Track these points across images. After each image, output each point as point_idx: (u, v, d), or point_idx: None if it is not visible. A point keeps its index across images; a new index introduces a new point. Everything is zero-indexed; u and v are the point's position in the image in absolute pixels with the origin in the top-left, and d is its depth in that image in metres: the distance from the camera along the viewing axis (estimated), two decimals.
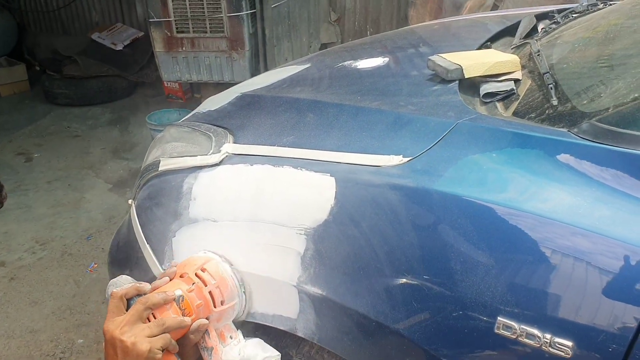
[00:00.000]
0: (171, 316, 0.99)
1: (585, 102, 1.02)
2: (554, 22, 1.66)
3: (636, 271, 0.81)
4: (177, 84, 4.78)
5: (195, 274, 1.08)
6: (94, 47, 5.34)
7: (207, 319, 1.06)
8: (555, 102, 1.06)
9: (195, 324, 1.03)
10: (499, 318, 0.90)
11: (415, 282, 0.97)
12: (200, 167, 1.30)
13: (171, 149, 1.43)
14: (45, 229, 3.18)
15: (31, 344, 2.35)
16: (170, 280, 1.08)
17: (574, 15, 1.71)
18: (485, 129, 1.04)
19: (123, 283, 1.07)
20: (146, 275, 1.32)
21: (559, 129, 0.97)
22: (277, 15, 4.14)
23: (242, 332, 1.14)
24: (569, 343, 0.84)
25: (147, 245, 1.37)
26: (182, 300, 1.03)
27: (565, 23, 1.64)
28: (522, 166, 0.95)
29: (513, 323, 0.89)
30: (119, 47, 5.35)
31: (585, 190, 0.88)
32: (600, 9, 1.71)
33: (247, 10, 4.05)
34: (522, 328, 0.88)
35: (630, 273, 0.81)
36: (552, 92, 1.09)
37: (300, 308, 1.11)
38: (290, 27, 4.32)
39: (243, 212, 1.19)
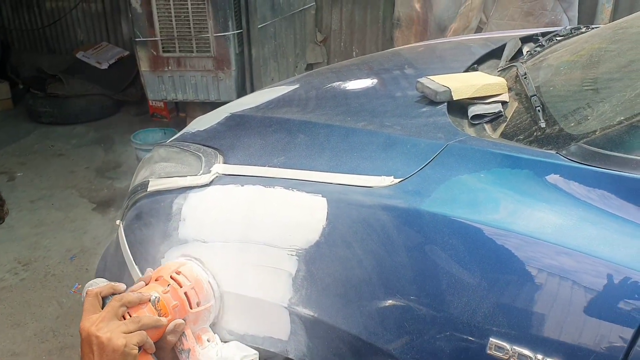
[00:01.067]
0: (146, 314, 0.99)
1: (572, 124, 1.04)
2: (539, 45, 1.69)
3: (624, 291, 0.82)
4: (162, 102, 4.77)
5: (171, 276, 1.09)
6: (78, 65, 5.32)
7: (183, 320, 1.06)
8: (543, 125, 1.08)
9: (171, 324, 1.03)
10: (491, 339, 0.90)
11: (407, 303, 0.97)
12: (190, 188, 1.30)
13: (160, 170, 1.42)
14: (28, 249, 3.14)
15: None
16: (147, 284, 1.08)
17: (558, 38, 1.75)
18: (474, 150, 1.06)
19: (97, 284, 1.07)
20: None
21: (548, 151, 0.99)
22: (263, 36, 4.17)
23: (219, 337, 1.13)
24: None
25: (136, 266, 1.36)
26: (158, 302, 1.03)
27: (549, 46, 1.68)
28: (512, 187, 0.97)
29: (505, 344, 0.89)
30: (104, 66, 5.34)
31: (574, 211, 0.89)
32: (583, 33, 1.75)
33: (233, 31, 4.07)
34: (514, 349, 0.88)
35: (618, 293, 0.82)
36: (540, 114, 1.11)
37: (292, 330, 1.10)
38: (276, 47, 4.35)
39: (233, 232, 1.19)
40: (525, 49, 1.76)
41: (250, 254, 1.15)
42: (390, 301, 0.99)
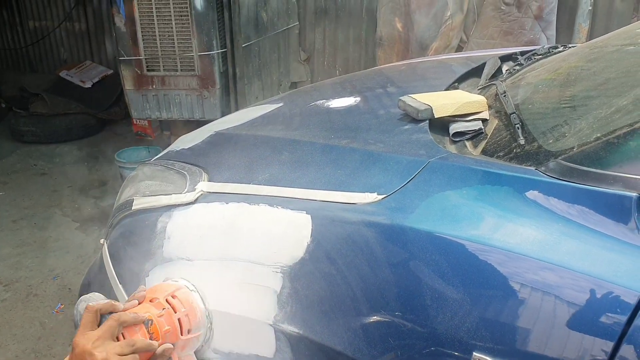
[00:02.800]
0: (140, 338, 0.99)
1: (550, 141, 1.06)
2: (518, 64, 1.73)
3: (602, 304, 0.83)
4: (146, 121, 4.76)
5: (166, 300, 1.08)
6: (62, 84, 5.30)
7: (172, 345, 1.05)
8: (522, 142, 1.11)
9: (161, 348, 1.02)
10: (474, 353, 0.91)
11: (391, 319, 0.98)
12: (175, 206, 1.30)
13: (145, 188, 1.43)
14: (10, 269, 3.09)
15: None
16: (139, 303, 1.07)
17: (536, 57, 1.79)
18: (456, 167, 1.08)
19: (96, 299, 1.06)
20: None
21: (527, 167, 1.01)
22: (247, 55, 4.19)
23: None
24: None
25: (120, 285, 1.36)
26: (151, 325, 1.02)
27: (528, 65, 1.71)
28: (493, 203, 0.98)
29: (488, 358, 0.90)
30: (88, 85, 5.32)
31: (554, 226, 0.91)
32: (561, 52, 1.79)
33: (218, 50, 4.09)
34: None
35: (598, 306, 0.84)
36: (519, 131, 1.14)
37: (277, 347, 1.10)
38: (260, 66, 4.37)
39: (218, 250, 1.19)
40: (504, 68, 1.80)
41: (234, 271, 1.16)
42: (374, 317, 1.00)
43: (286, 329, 1.08)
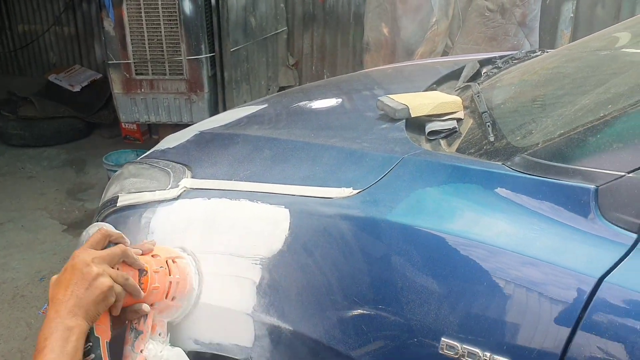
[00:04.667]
0: (132, 279, 1.02)
1: (518, 138, 1.11)
2: (495, 67, 1.78)
3: (561, 291, 0.88)
4: (135, 125, 4.78)
5: (166, 261, 1.11)
6: (51, 88, 5.33)
7: (152, 305, 1.08)
8: (492, 139, 1.15)
9: (141, 306, 1.05)
10: (442, 339, 0.95)
11: (365, 308, 1.02)
12: (159, 202, 1.33)
13: (130, 185, 1.46)
14: None
15: None
16: (143, 254, 1.10)
17: (513, 61, 1.84)
18: (428, 162, 1.12)
19: (108, 227, 1.09)
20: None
21: (495, 163, 1.06)
22: (235, 59, 4.24)
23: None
24: None
25: None
26: (144, 275, 1.05)
27: (505, 68, 1.77)
28: (461, 196, 1.03)
29: (456, 343, 0.94)
30: (77, 89, 5.34)
31: (517, 216, 0.96)
32: (537, 56, 1.84)
33: (206, 54, 4.13)
34: (464, 348, 0.93)
35: (557, 293, 0.88)
36: (490, 129, 1.19)
37: (256, 336, 1.14)
38: (249, 70, 4.42)
39: (200, 244, 1.22)
40: (483, 71, 1.85)
41: (215, 264, 1.19)
42: (348, 306, 1.04)
43: (265, 319, 1.12)
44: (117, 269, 1.01)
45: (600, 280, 0.86)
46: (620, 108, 0.98)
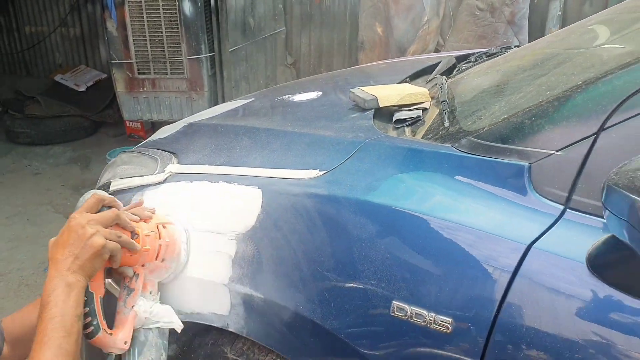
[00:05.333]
0: (126, 235, 1.13)
1: (469, 123, 1.21)
2: (468, 62, 1.89)
3: (496, 256, 0.98)
4: (139, 123, 4.91)
5: (157, 226, 1.22)
6: (56, 88, 5.47)
7: (143, 265, 1.19)
8: (447, 125, 1.26)
9: (125, 269, 1.16)
10: (393, 302, 1.06)
11: (326, 275, 1.13)
12: (147, 186, 1.45)
13: (121, 172, 1.57)
14: (3, 261, 3.24)
15: None
16: (140, 220, 1.21)
17: (487, 56, 1.95)
18: (386, 146, 1.23)
19: (103, 194, 1.19)
20: None
21: (445, 145, 1.17)
22: (235, 58, 4.35)
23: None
24: (449, 319, 1.01)
25: None
26: (136, 238, 1.15)
27: (478, 63, 1.87)
28: (413, 175, 1.14)
29: (405, 306, 1.05)
30: (82, 88, 5.49)
31: (462, 192, 1.07)
32: (508, 51, 1.95)
33: (206, 53, 4.25)
34: (412, 309, 1.04)
35: (492, 258, 0.99)
36: (446, 116, 1.29)
37: (231, 305, 1.25)
38: (248, 69, 4.53)
39: (182, 223, 1.34)
40: (458, 66, 1.96)
41: (196, 240, 1.30)
42: (312, 274, 1.14)
43: (239, 288, 1.23)
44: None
45: (530, 247, 0.97)
46: (554, 94, 1.08)
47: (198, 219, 1.31)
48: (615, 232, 0.88)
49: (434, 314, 1.02)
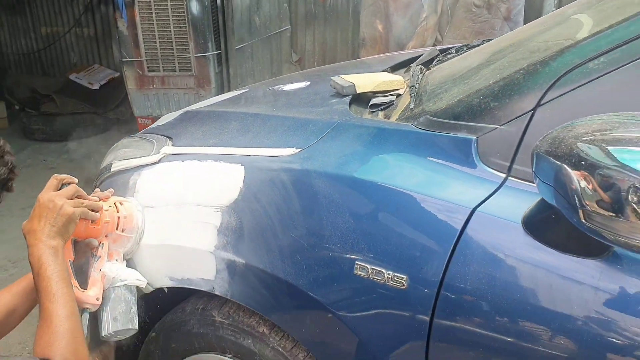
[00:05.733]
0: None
1: (430, 104, 1.33)
2: (448, 53, 2.01)
3: (444, 219, 1.11)
4: (149, 120, 5.06)
5: (115, 203, 1.42)
6: (71, 86, 5.66)
7: (107, 236, 1.38)
8: (412, 106, 1.38)
9: (91, 240, 1.37)
10: (356, 262, 1.18)
11: (298, 240, 1.25)
12: (143, 166, 1.59)
13: (121, 155, 1.72)
14: (17, 249, 3.40)
15: (1, 346, 2.56)
16: (100, 200, 1.40)
17: (467, 48, 2.06)
18: (355, 125, 1.36)
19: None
20: None
21: (407, 123, 1.29)
22: (241, 56, 4.50)
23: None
24: (404, 276, 1.13)
25: None
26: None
27: (457, 54, 1.99)
28: (377, 149, 1.26)
29: (367, 265, 1.17)
30: (96, 87, 5.67)
31: (417, 162, 1.19)
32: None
33: (213, 51, 4.40)
34: (373, 268, 1.16)
35: (441, 221, 1.11)
36: (413, 100, 1.41)
37: (217, 270, 1.38)
38: (253, 66, 4.68)
39: (175, 198, 1.47)
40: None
41: (186, 213, 1.44)
42: (287, 241, 1.27)
43: (223, 255, 1.36)
44: None
45: (474, 210, 1.09)
46: (501, 76, 1.20)
47: (189, 194, 1.45)
48: (544, 196, 1.00)
49: (391, 272, 1.14)
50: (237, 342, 1.44)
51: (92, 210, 1.32)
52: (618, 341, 0.95)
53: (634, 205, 0.82)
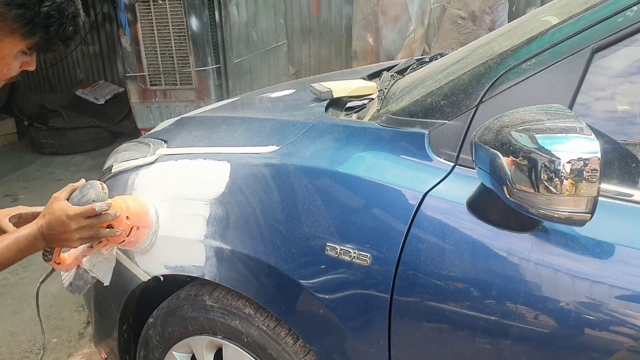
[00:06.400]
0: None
1: (394, 105, 1.50)
2: (422, 62, 2.17)
3: (400, 202, 1.26)
4: None
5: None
6: (78, 101, 5.88)
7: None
8: (379, 107, 1.55)
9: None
10: (327, 244, 1.34)
11: (277, 226, 1.41)
12: (141, 166, 1.76)
13: (121, 157, 1.89)
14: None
15: (12, 344, 2.73)
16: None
17: (440, 56, 2.23)
18: (327, 125, 1.52)
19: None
20: None
21: (371, 122, 1.45)
22: (239, 69, 4.69)
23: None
24: (368, 255, 1.29)
25: None
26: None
27: (430, 62, 2.15)
28: (345, 144, 1.43)
29: (336, 246, 1.33)
30: (101, 102, 5.88)
31: (378, 155, 1.35)
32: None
33: (212, 65, 4.59)
34: (341, 248, 1.32)
35: (398, 204, 1.27)
36: (380, 102, 1.58)
37: (206, 257, 1.54)
38: (252, 79, 4.87)
39: (168, 193, 1.64)
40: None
41: (179, 207, 1.60)
42: (266, 227, 1.43)
43: (212, 243, 1.52)
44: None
45: (425, 195, 1.25)
46: (452, 78, 1.37)
47: (181, 189, 1.61)
48: (482, 180, 1.15)
49: (357, 252, 1.30)
50: (226, 324, 1.59)
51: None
52: (546, 304, 1.10)
53: (544, 182, 0.98)
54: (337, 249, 1.32)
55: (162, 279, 1.68)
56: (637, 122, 1.23)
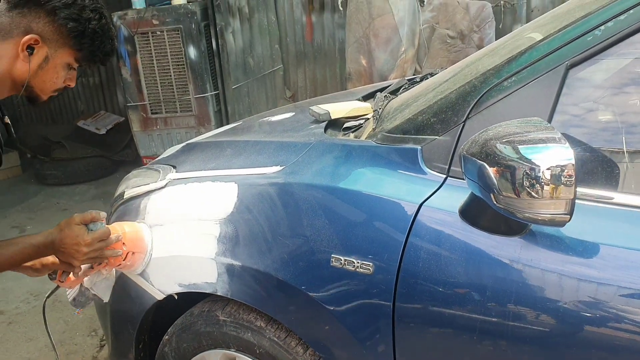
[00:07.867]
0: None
1: (388, 123, 1.61)
2: (414, 82, 2.29)
3: (398, 212, 1.36)
4: (154, 159, 5.37)
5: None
6: (79, 132, 5.99)
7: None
8: (374, 126, 1.65)
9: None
10: (332, 255, 1.43)
11: (285, 242, 1.51)
12: (152, 191, 1.86)
13: (133, 183, 1.99)
14: (38, 283, 3.64)
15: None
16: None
17: (430, 75, 2.34)
18: (327, 144, 1.63)
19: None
20: None
21: (368, 140, 1.56)
22: (237, 95, 4.82)
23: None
24: (370, 264, 1.38)
25: None
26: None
27: (420, 82, 2.27)
28: (345, 162, 1.53)
29: (340, 257, 1.42)
30: (103, 132, 6.00)
31: (375, 170, 1.46)
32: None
33: (211, 92, 4.73)
34: (345, 259, 1.41)
35: (396, 214, 1.37)
36: (375, 121, 1.69)
37: (218, 274, 1.63)
38: (250, 104, 4.99)
39: (179, 215, 1.74)
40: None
41: (190, 227, 1.70)
42: (275, 242, 1.53)
43: (223, 260, 1.61)
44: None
45: (421, 205, 1.35)
46: (441, 97, 1.48)
47: (191, 211, 1.71)
48: (472, 190, 1.25)
49: (360, 261, 1.39)
50: (239, 337, 1.68)
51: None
52: (535, 302, 1.20)
53: (527, 188, 1.08)
54: (341, 259, 1.42)
55: (176, 297, 1.77)
56: (609, 128, 1.34)
